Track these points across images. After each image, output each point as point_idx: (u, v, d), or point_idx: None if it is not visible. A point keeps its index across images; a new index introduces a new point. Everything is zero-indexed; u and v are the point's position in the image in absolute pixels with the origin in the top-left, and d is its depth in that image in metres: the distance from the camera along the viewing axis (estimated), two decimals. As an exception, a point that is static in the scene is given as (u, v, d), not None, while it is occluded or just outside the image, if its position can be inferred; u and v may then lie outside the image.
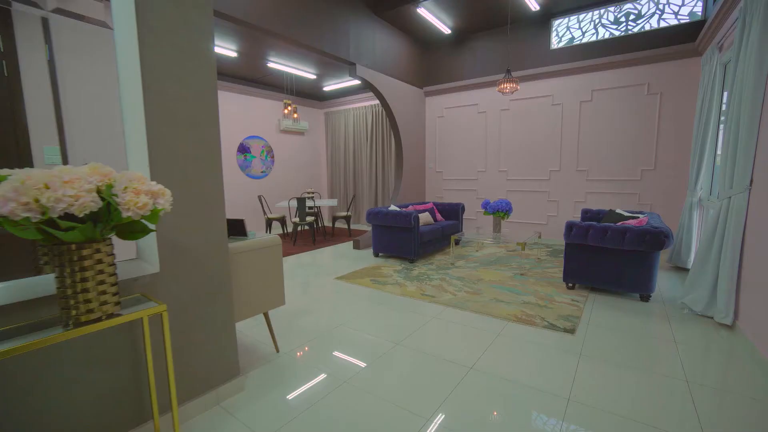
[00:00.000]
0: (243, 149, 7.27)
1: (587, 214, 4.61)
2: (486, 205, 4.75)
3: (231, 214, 7.07)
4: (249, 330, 2.81)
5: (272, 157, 7.87)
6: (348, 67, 5.47)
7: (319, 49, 4.75)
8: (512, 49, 5.93)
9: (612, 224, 3.24)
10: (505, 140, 6.25)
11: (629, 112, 5.10)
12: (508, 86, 4.40)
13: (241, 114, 7.16)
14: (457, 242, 5.75)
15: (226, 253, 1.90)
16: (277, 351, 2.47)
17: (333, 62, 6.00)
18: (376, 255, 5.18)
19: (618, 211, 4.24)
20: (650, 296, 3.29)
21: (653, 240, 3.03)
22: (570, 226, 3.42)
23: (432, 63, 6.91)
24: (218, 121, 1.86)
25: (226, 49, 5.37)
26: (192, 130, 1.74)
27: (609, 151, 5.31)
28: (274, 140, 7.88)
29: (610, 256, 3.30)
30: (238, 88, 6.98)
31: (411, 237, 4.69)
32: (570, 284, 3.61)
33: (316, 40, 4.70)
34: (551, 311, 3.08)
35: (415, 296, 3.50)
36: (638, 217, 3.82)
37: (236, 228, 2.18)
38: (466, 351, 2.44)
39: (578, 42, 5.39)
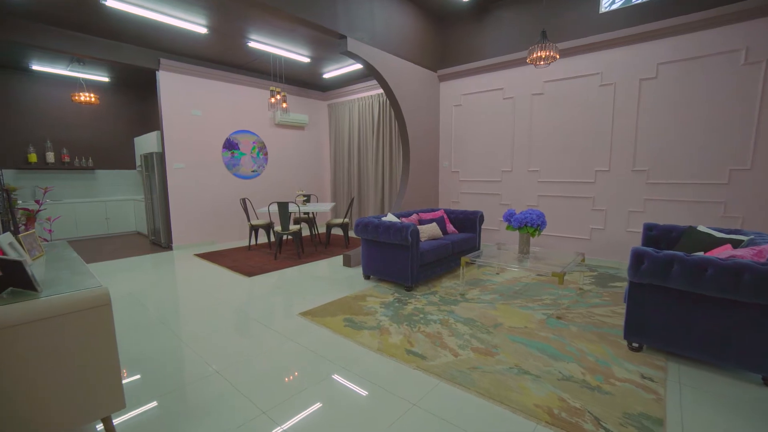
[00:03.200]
0: (230, 145, 6.39)
1: (652, 232, 3.31)
2: (510, 217, 3.54)
3: (215, 217, 6.20)
4: None
5: (265, 154, 6.95)
6: (337, 41, 4.42)
7: (293, 15, 3.72)
8: (549, 16, 4.66)
9: (716, 258, 1.99)
10: (538, 133, 4.98)
11: (714, 90, 3.73)
12: (543, 54, 3.18)
13: (226, 105, 6.27)
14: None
15: None
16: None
17: (325, 39, 4.97)
18: (367, 277, 4.09)
19: (702, 228, 2.94)
20: (778, 377, 2.01)
21: (796, 290, 1.77)
22: (639, 257, 2.19)
23: (448, 40, 5.73)
24: None
25: (191, 23, 4.46)
26: None
27: (680, 144, 3.96)
28: (267, 135, 6.95)
29: (710, 309, 2.05)
30: (221, 74, 6.09)
31: (408, 257, 3.57)
32: (635, 344, 2.37)
33: (292, 3, 3.67)
34: (611, 401, 1.88)
35: (397, 355, 2.38)
36: (739, 240, 2.53)
37: (11, 276, 1.16)
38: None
39: (638, 0, 4.06)
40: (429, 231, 4.11)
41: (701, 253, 2.22)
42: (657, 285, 2.18)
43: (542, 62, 3.30)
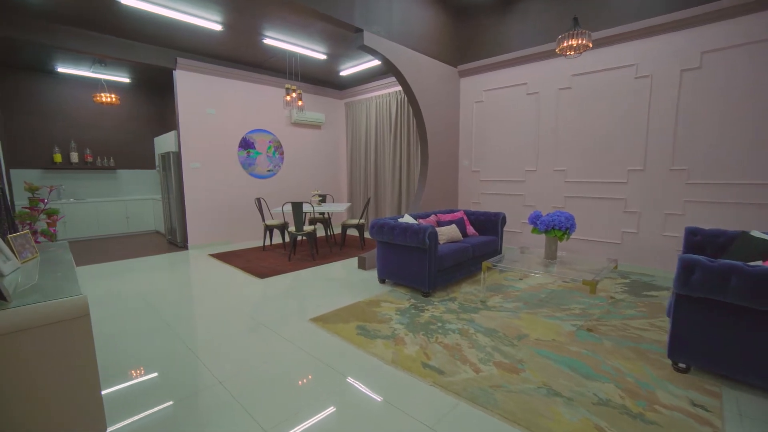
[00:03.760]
0: (246, 144, 6.34)
1: (696, 237, 3.00)
2: (535, 219, 3.30)
3: (231, 217, 6.16)
4: None
5: (281, 153, 6.88)
6: (354, 36, 4.26)
7: (307, 8, 3.58)
8: (578, 4, 4.36)
9: (782, 270, 1.71)
10: (564, 130, 4.69)
11: (765, 81, 3.37)
12: (574, 43, 2.92)
13: (243, 104, 6.23)
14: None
15: None
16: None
17: (342, 34, 4.84)
18: (382, 281, 3.91)
19: (757, 234, 2.62)
20: None
21: None
22: (689, 266, 1.92)
23: (469, 33, 5.49)
24: None
25: (206, 20, 4.39)
26: None
27: (726, 140, 3.61)
28: (283, 134, 6.88)
29: (774, 329, 1.77)
30: (237, 73, 6.04)
31: (425, 261, 3.38)
32: (682, 364, 2.10)
33: (305, -4, 3.54)
34: (657, 433, 1.64)
35: (412, 369, 2.19)
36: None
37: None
38: None
39: (679, -15, 3.72)
40: (448, 233, 3.90)
41: (759, 263, 1.94)
42: (710, 299, 1.91)
43: (572, 52, 3.04)
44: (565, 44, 2.98)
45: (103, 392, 1.97)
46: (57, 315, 1.03)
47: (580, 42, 2.91)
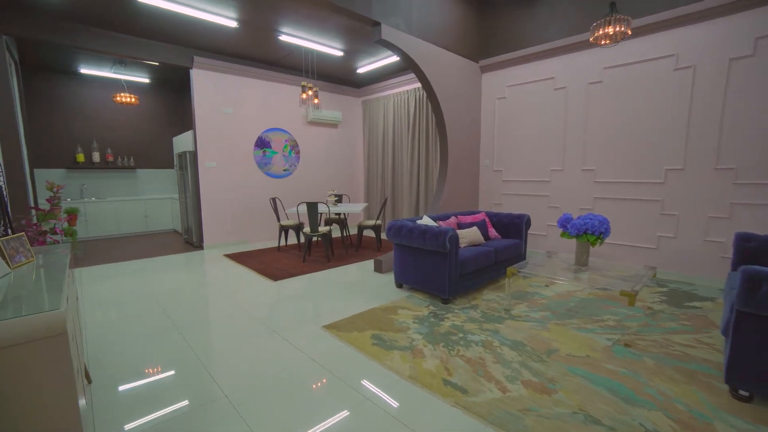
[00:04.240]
0: (262, 144, 6.27)
1: (750, 243, 2.69)
2: (565, 223, 3.05)
3: (246, 217, 6.11)
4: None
5: (297, 153, 6.79)
6: (371, 30, 4.10)
7: (325, 0, 3.44)
8: (610, -8, 4.07)
9: None
10: (594, 127, 4.39)
11: (827, 72, 3.02)
12: (611, 31, 2.67)
13: (259, 103, 6.16)
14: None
15: None
16: None
17: (359, 29, 4.69)
18: (399, 286, 3.74)
19: (824, 242, 2.31)
20: None
21: None
22: (755, 279, 1.67)
23: (492, 27, 5.25)
24: None
25: (221, 16, 4.32)
26: None
27: (780, 137, 3.27)
28: (300, 133, 6.79)
29: None
30: (253, 72, 5.97)
31: (445, 266, 3.18)
32: (744, 392, 1.84)
33: (320, -13, 3.40)
34: (720, 475, 1.40)
35: (432, 387, 2.00)
36: None
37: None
38: None
39: (727, -34, 3.39)
40: (469, 236, 3.68)
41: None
42: (779, 318, 1.65)
43: (608, 41, 2.78)
44: (600, 32, 2.72)
45: (96, 402, 1.87)
46: (29, 334, 0.90)
47: (617, 29, 2.65)
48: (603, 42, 2.79)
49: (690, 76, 3.66)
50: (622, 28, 2.64)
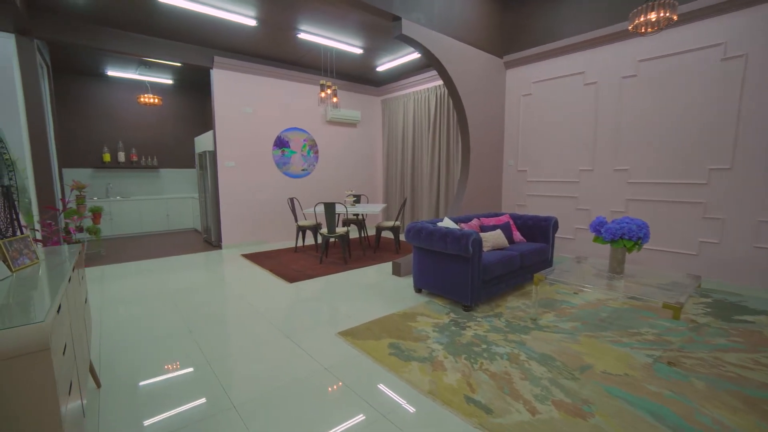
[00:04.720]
0: (281, 143, 6.24)
1: (812, 252, 2.40)
2: (599, 227, 2.83)
3: (265, 217, 6.09)
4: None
5: (316, 152, 6.73)
6: (391, 25, 3.97)
7: (343, -6, 3.33)
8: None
9: None
10: (628, 124, 4.11)
11: None
12: (653, 17, 2.43)
13: (277, 103, 6.13)
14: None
15: None
16: None
17: (379, 26, 4.56)
18: (418, 290, 3.58)
19: None
20: None
21: None
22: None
23: (517, 20, 5.02)
24: None
25: (240, 15, 4.28)
26: None
27: None
28: (318, 133, 6.73)
29: None
30: (272, 71, 5.94)
31: (467, 271, 3.01)
32: (814, 424, 1.60)
33: (338, -19, 3.29)
34: None
35: (453, 404, 1.85)
36: None
37: None
38: None
39: (783, -54, 3.08)
40: (493, 240, 3.49)
41: None
42: None
43: (651, 29, 2.55)
44: (641, 19, 2.49)
45: (102, 407, 1.81)
46: (6, 351, 0.81)
47: (661, 15, 2.41)
48: (644, 30, 2.55)
49: (741, 67, 3.35)
50: (667, 13, 2.40)
